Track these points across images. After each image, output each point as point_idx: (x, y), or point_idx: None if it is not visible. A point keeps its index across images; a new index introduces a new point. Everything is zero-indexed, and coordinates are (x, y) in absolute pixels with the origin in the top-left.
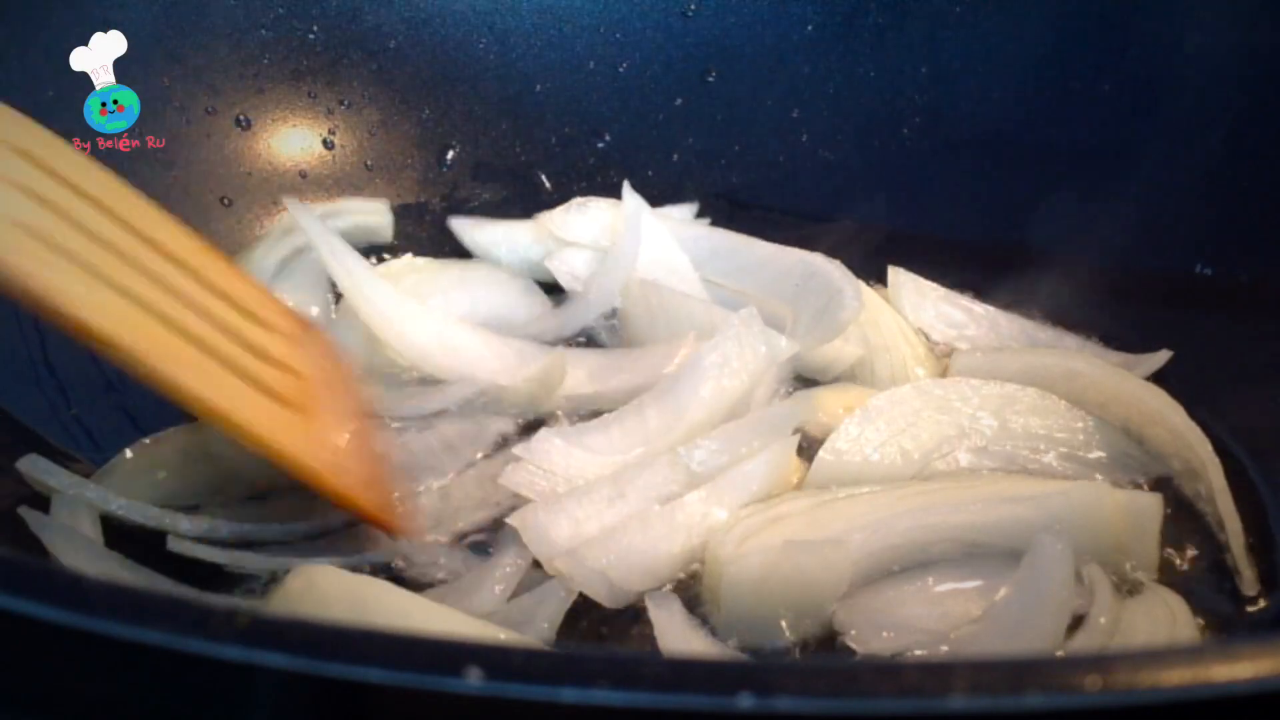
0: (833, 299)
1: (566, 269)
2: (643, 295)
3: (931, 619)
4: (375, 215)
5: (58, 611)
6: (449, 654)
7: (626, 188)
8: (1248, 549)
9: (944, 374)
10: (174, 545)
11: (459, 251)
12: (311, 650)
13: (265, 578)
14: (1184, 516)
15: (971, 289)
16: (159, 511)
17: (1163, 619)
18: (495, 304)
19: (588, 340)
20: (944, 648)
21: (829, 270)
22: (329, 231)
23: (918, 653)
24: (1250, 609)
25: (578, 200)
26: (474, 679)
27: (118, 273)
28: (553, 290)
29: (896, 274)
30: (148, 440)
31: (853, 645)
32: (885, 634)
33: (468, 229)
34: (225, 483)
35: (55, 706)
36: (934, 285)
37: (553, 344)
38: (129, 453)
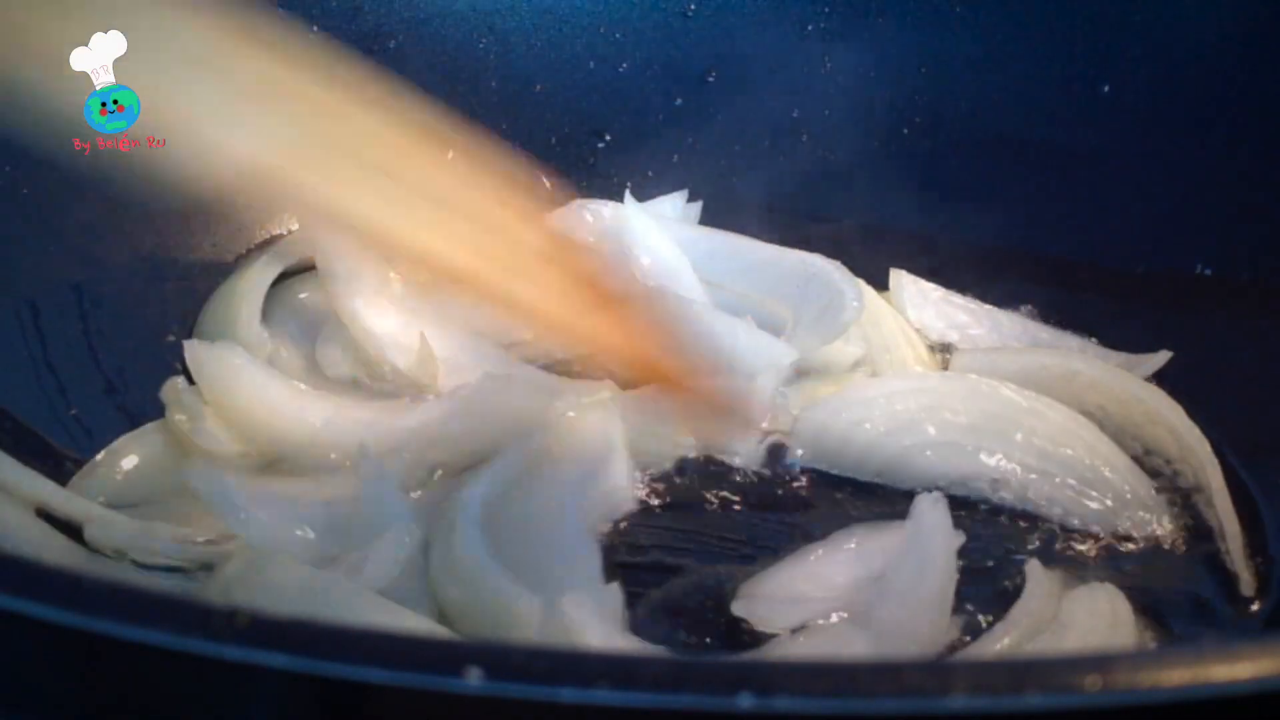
0: (833, 300)
1: None
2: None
3: (820, 589)
4: None
5: (58, 611)
6: (449, 654)
7: (628, 196)
8: (1246, 549)
9: None
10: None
11: None
12: (311, 650)
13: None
14: (1183, 517)
15: (971, 289)
16: (86, 505)
17: (1104, 614)
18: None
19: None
20: (844, 614)
21: (829, 271)
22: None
23: (820, 623)
24: (1249, 609)
25: (576, 203)
26: (474, 679)
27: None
28: None
29: (898, 275)
30: (121, 439)
31: (759, 628)
32: (784, 611)
33: None
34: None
35: (55, 706)
36: (934, 285)
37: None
38: (101, 454)
